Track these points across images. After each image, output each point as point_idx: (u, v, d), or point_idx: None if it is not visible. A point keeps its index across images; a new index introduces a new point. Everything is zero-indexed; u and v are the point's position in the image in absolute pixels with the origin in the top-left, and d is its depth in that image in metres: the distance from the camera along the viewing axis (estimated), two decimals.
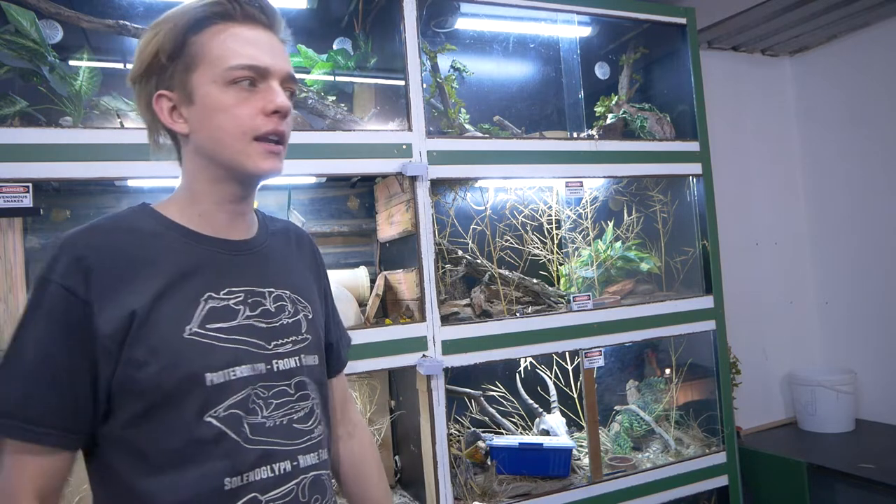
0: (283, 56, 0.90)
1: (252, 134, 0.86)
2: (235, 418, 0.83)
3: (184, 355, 0.81)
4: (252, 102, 0.86)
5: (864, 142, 2.95)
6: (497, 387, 2.34)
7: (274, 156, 0.88)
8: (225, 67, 0.85)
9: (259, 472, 0.84)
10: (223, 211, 0.91)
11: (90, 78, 1.70)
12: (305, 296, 0.98)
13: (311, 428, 0.91)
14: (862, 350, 3.00)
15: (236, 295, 0.88)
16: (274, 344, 0.89)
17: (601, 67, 2.60)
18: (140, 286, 0.82)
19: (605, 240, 2.43)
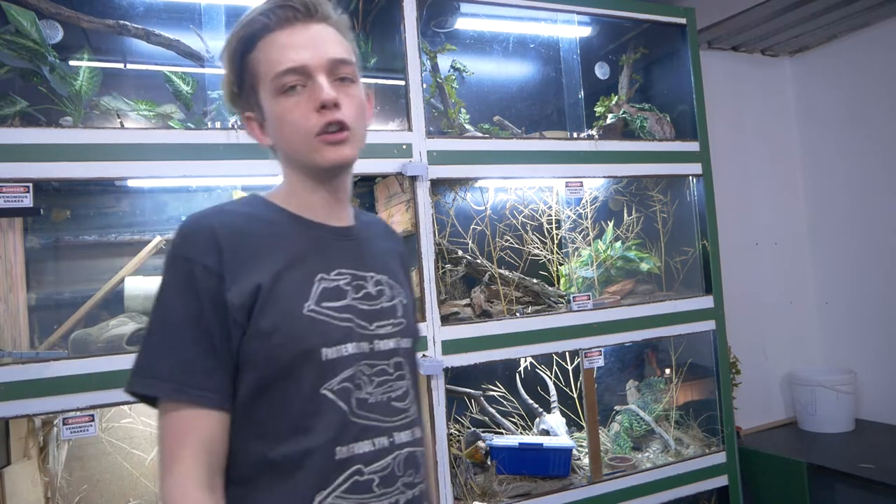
0: (323, 44, 0.90)
1: (312, 133, 0.89)
2: (346, 392, 0.89)
3: (303, 330, 0.87)
4: (304, 104, 0.89)
5: (864, 142, 2.95)
6: (497, 387, 2.34)
7: (336, 145, 0.90)
8: (272, 79, 0.90)
9: (361, 444, 0.88)
10: (321, 201, 0.96)
11: (90, 78, 1.70)
12: (396, 283, 1.02)
13: (406, 406, 0.95)
14: (862, 350, 3.00)
15: (344, 277, 0.93)
16: (375, 325, 0.94)
17: (601, 67, 2.60)
18: (263, 264, 0.88)
19: (605, 240, 2.43)
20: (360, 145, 0.94)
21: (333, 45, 0.91)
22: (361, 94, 0.95)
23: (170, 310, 0.86)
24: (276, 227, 0.93)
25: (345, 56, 0.92)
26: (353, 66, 0.94)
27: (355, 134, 0.92)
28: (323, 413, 0.87)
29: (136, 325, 1.70)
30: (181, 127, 1.73)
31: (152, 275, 1.92)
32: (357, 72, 0.95)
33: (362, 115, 0.94)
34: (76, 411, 1.50)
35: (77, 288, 1.90)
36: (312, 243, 0.94)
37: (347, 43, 0.95)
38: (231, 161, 1.68)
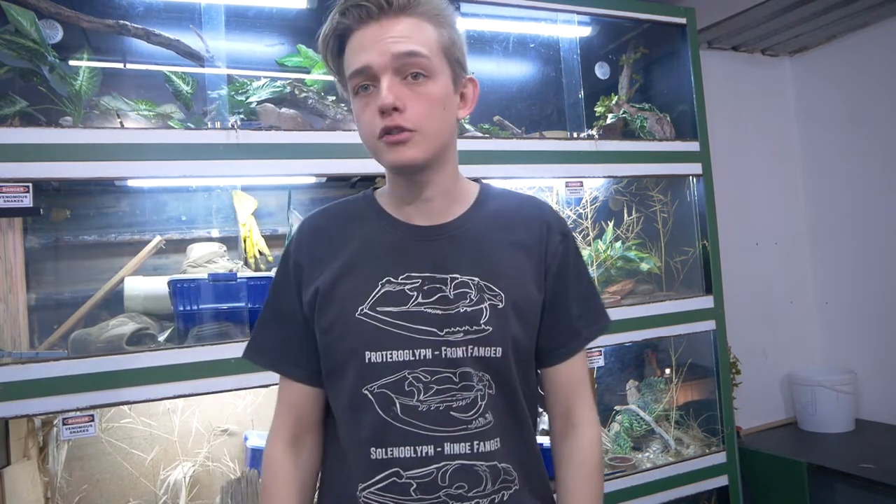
0: (390, 40, 0.87)
1: (375, 135, 0.89)
2: (386, 397, 0.91)
3: (351, 332, 0.92)
4: (371, 105, 0.89)
5: (864, 142, 2.95)
6: None
7: (397, 146, 0.88)
8: (348, 80, 0.92)
9: (402, 450, 0.90)
10: (408, 198, 0.97)
11: (90, 78, 1.70)
12: (502, 283, 0.94)
13: (469, 418, 0.91)
14: (862, 350, 3.00)
15: (414, 280, 0.93)
16: (446, 331, 0.91)
17: (601, 67, 2.60)
18: (331, 265, 0.96)
19: (605, 240, 2.43)
20: (431, 144, 0.90)
21: (402, 40, 0.87)
22: (439, 88, 0.90)
23: (274, 295, 1.01)
24: (360, 226, 0.99)
25: (413, 48, 0.87)
26: (427, 58, 0.88)
27: (423, 134, 0.88)
28: (362, 412, 0.91)
29: (135, 325, 1.70)
30: (181, 127, 1.73)
31: (152, 275, 1.92)
32: (442, 61, 0.90)
33: (435, 113, 0.89)
34: (76, 411, 1.50)
35: (77, 288, 1.90)
36: (391, 244, 0.96)
37: (431, 32, 0.90)
38: (231, 161, 1.68)
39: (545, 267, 0.98)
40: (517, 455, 0.95)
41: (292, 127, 1.82)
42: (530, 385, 1.00)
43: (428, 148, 0.90)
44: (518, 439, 0.96)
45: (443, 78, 0.91)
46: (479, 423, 0.92)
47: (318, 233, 1.00)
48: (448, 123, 0.92)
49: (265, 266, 2.09)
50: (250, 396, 2.06)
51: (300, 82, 1.97)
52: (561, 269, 1.00)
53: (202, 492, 1.95)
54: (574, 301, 1.01)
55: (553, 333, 0.99)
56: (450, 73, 0.92)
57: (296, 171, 1.77)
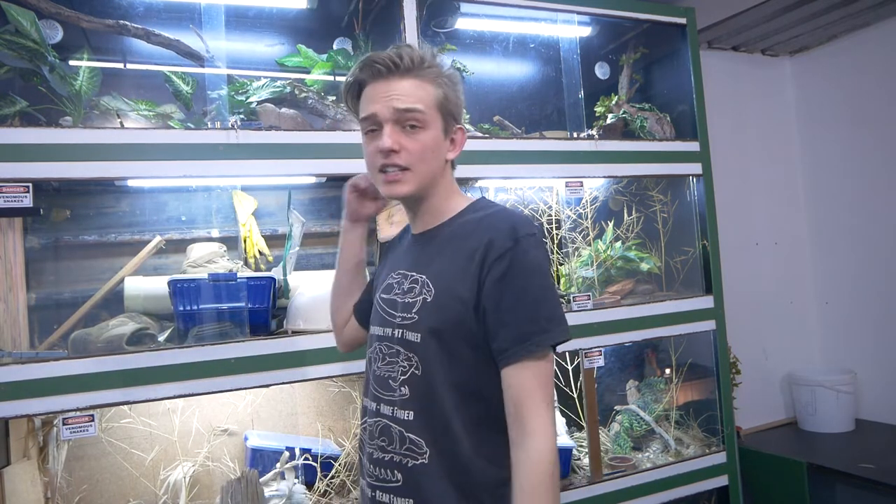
0: (394, 97, 1.08)
1: (376, 168, 1.11)
2: (369, 360, 1.19)
3: (374, 312, 1.21)
4: (374, 144, 1.10)
5: (864, 142, 2.95)
6: None
7: (391, 183, 1.10)
8: (360, 119, 1.13)
9: (367, 401, 1.18)
10: (408, 212, 1.22)
11: (90, 78, 1.70)
12: (440, 283, 1.10)
13: (395, 387, 1.11)
14: (862, 350, 3.00)
15: (399, 275, 1.17)
16: (397, 316, 1.13)
17: (601, 67, 2.60)
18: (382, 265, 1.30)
19: (605, 240, 2.43)
20: (420, 180, 1.11)
21: (403, 98, 1.08)
22: (430, 136, 1.10)
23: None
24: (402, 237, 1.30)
25: (410, 105, 1.08)
26: (422, 112, 1.09)
27: (416, 172, 1.10)
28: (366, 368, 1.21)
29: (135, 325, 1.70)
30: (181, 127, 1.73)
31: (152, 275, 1.92)
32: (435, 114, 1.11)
33: (426, 156, 1.10)
34: (76, 411, 1.50)
35: (77, 288, 1.90)
36: (398, 249, 1.26)
37: (430, 90, 1.10)
38: (231, 161, 1.68)
39: (482, 270, 1.07)
40: (432, 433, 1.07)
41: (292, 127, 1.82)
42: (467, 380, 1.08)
43: (417, 183, 1.11)
44: (437, 421, 1.07)
45: (434, 128, 1.11)
46: (399, 393, 1.10)
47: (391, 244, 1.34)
48: (437, 163, 1.12)
49: (265, 266, 2.09)
50: (250, 396, 2.06)
51: (300, 82, 1.97)
52: (502, 276, 1.05)
53: (202, 492, 1.95)
54: (514, 309, 1.04)
55: (495, 336, 1.05)
56: (441, 124, 1.12)
57: (296, 171, 1.77)
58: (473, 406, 1.07)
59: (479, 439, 1.07)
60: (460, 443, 1.06)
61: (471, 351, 1.07)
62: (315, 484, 1.95)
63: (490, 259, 1.06)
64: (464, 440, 1.06)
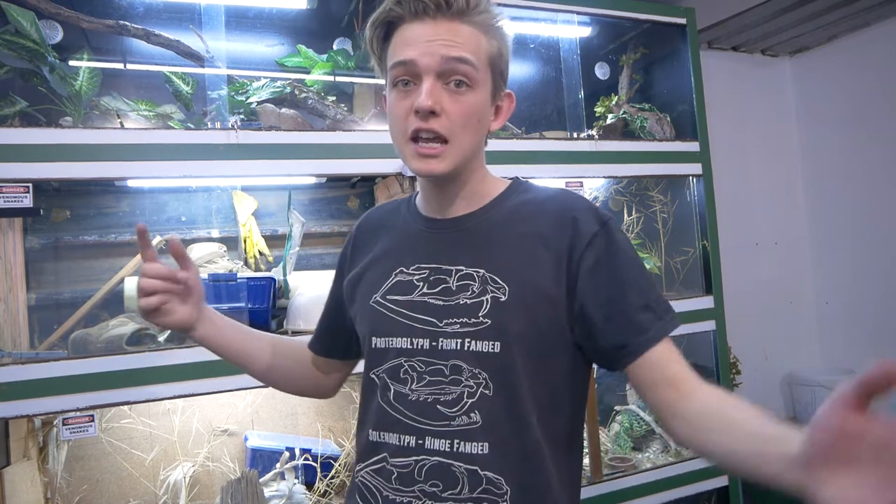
0: (442, 43, 0.85)
1: (405, 134, 0.88)
2: (384, 382, 0.93)
3: (365, 318, 0.97)
4: (406, 102, 0.88)
5: (864, 142, 2.95)
6: None
7: (426, 158, 0.87)
8: (389, 68, 0.90)
9: (390, 436, 0.91)
10: (432, 194, 0.98)
11: (90, 78, 1.70)
12: (514, 278, 0.88)
13: (454, 414, 0.87)
14: (862, 350, 3.00)
15: (422, 271, 0.93)
16: (445, 322, 0.89)
17: (601, 67, 2.60)
18: (366, 256, 1.02)
19: None
20: (460, 157, 0.89)
21: (454, 45, 0.85)
22: (479, 99, 0.89)
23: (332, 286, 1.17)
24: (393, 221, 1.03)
25: (463, 55, 0.85)
26: (475, 69, 0.87)
27: (456, 147, 0.88)
28: (370, 394, 0.95)
29: (135, 325, 1.70)
30: (181, 127, 1.73)
31: None
32: (485, 76, 0.89)
33: (472, 126, 0.89)
34: (76, 411, 1.50)
35: (77, 288, 1.90)
36: (410, 236, 0.99)
37: (483, 41, 0.89)
38: (231, 161, 1.67)
39: (570, 260, 0.89)
40: (512, 468, 0.86)
41: (292, 127, 1.82)
42: (552, 392, 0.90)
43: (456, 161, 0.89)
44: (518, 451, 0.87)
45: (484, 89, 0.90)
46: (462, 422, 0.86)
47: (366, 226, 1.07)
48: (480, 135, 0.92)
49: (265, 266, 2.09)
50: (250, 396, 2.06)
51: (300, 82, 1.97)
52: (597, 264, 0.89)
53: (202, 492, 1.95)
54: (623, 299, 0.88)
55: (603, 334, 0.88)
56: (491, 86, 0.91)
57: (296, 172, 1.77)
58: (553, 423, 0.90)
59: (557, 461, 0.90)
60: (545, 471, 0.88)
61: (562, 356, 0.90)
62: (315, 484, 1.95)
63: (580, 246, 0.89)
64: (549, 466, 0.89)
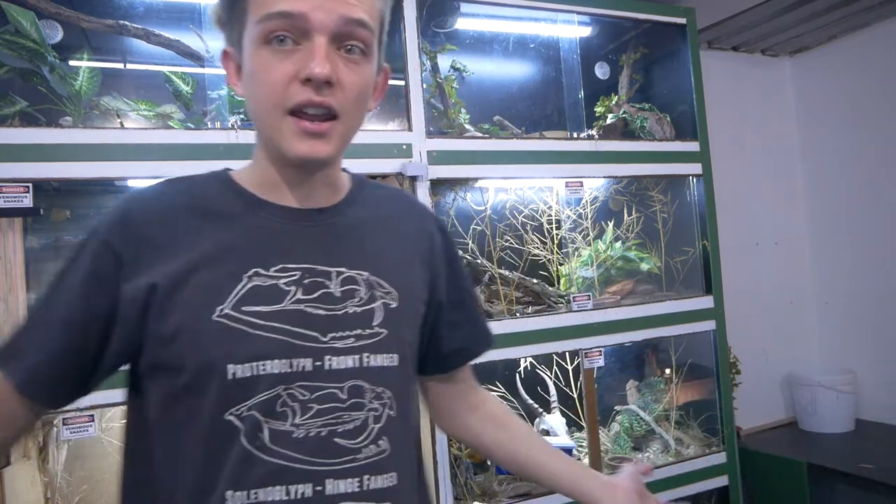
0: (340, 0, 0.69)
1: (283, 106, 0.70)
2: (255, 422, 0.70)
3: (206, 340, 0.70)
4: (288, 66, 0.69)
5: (864, 142, 2.95)
6: (497, 387, 2.33)
7: (313, 138, 0.70)
8: (258, 20, 0.69)
9: (271, 491, 0.68)
10: (295, 180, 0.78)
11: (90, 78, 1.70)
12: (395, 280, 0.79)
13: (357, 446, 0.72)
14: (862, 350, 3.00)
15: (290, 273, 0.74)
16: (331, 336, 0.73)
17: (601, 67, 2.60)
18: (175, 255, 0.72)
19: (605, 240, 2.43)
20: (346, 141, 0.75)
21: (355, 3, 0.70)
22: (372, 74, 0.75)
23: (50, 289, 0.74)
24: (214, 208, 0.76)
25: (363, 17, 0.70)
26: (373, 34, 0.73)
27: (345, 126, 0.73)
28: (220, 445, 0.69)
29: None
30: (181, 127, 1.73)
31: None
32: (376, 44, 0.75)
33: (363, 103, 0.75)
34: (76, 411, 1.50)
35: None
36: (258, 230, 0.75)
37: (378, 4, 0.75)
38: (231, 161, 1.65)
39: (432, 263, 0.86)
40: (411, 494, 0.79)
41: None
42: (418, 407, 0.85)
43: (341, 143, 0.74)
44: (417, 477, 0.81)
45: (374, 60, 0.75)
46: (370, 452, 0.73)
47: (159, 215, 0.74)
48: (364, 115, 0.77)
49: None
50: None
51: None
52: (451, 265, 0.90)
53: None
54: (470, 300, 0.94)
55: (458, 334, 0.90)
56: (377, 57, 0.77)
57: None
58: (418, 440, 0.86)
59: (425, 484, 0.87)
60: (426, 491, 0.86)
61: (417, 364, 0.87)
62: None
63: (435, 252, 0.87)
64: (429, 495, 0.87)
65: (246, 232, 0.75)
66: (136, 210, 0.75)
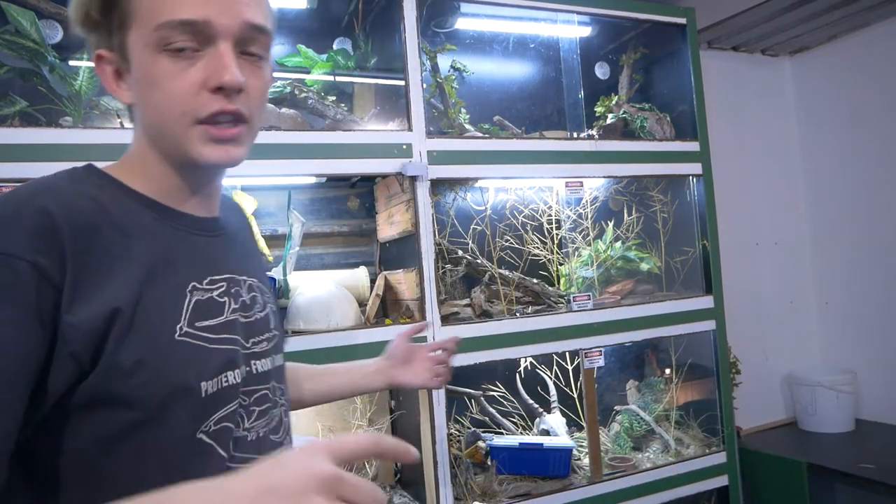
0: (242, 4, 0.69)
1: (193, 116, 0.68)
2: (225, 433, 0.70)
3: (175, 361, 0.67)
4: (192, 74, 0.67)
5: (864, 142, 2.95)
6: (497, 387, 2.34)
7: (225, 143, 0.69)
8: (155, 27, 0.66)
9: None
10: (199, 187, 0.76)
11: (90, 78, 1.70)
12: (265, 282, 0.85)
13: (280, 440, 0.77)
14: (862, 350, 3.00)
15: (219, 285, 0.74)
16: (252, 342, 0.76)
17: (601, 67, 2.60)
18: (121, 274, 0.65)
19: (605, 240, 2.43)
20: (252, 141, 0.74)
21: (255, 8, 0.70)
22: (269, 74, 0.76)
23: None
24: (132, 218, 0.70)
25: (263, 23, 0.71)
26: (270, 38, 0.74)
27: (252, 129, 0.73)
28: (199, 465, 0.67)
29: None
30: None
31: None
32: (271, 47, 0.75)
33: (265, 105, 0.75)
34: None
35: None
36: (179, 241, 0.72)
37: (269, 6, 0.75)
38: None
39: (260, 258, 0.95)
40: None
41: (292, 127, 1.82)
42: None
43: (249, 146, 0.73)
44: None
45: (270, 62, 0.76)
46: (286, 445, 0.79)
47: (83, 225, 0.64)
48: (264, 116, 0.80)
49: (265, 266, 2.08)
50: None
51: (300, 82, 1.97)
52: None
53: None
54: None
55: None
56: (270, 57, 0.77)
57: (296, 171, 1.77)
58: None
59: None
60: None
61: None
62: None
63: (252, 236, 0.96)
64: None
65: (170, 244, 0.71)
66: (60, 219, 0.62)
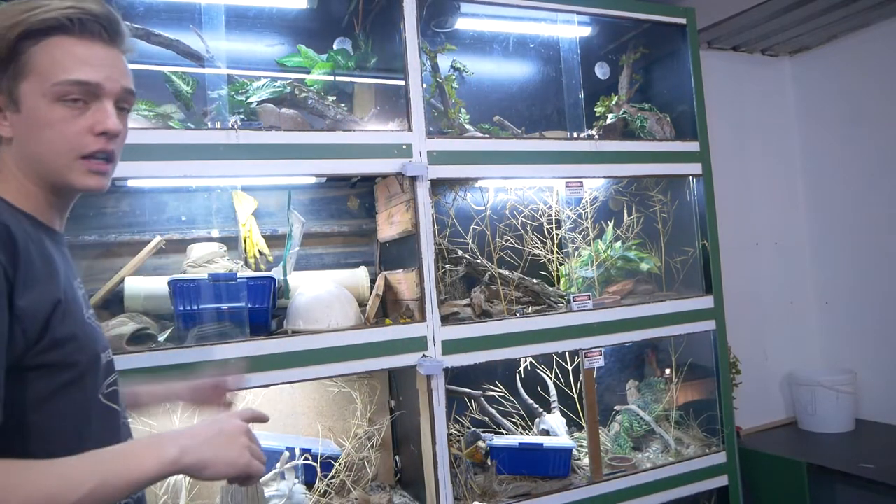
0: (119, 72, 0.93)
1: (78, 152, 0.89)
2: (115, 394, 0.95)
3: (89, 338, 0.90)
4: (81, 121, 0.89)
5: (864, 142, 2.95)
6: (497, 387, 2.34)
7: (99, 175, 0.92)
8: (53, 83, 0.87)
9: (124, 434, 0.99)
10: (63, 207, 0.99)
11: None
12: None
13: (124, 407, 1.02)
14: (862, 350, 3.00)
15: (79, 286, 0.96)
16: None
17: (601, 67, 2.60)
18: (53, 272, 0.87)
19: (605, 240, 2.43)
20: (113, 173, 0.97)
21: (127, 77, 0.95)
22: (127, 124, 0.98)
23: None
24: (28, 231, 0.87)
25: (132, 87, 0.95)
26: (135, 97, 0.98)
27: (116, 164, 0.96)
28: (100, 418, 0.91)
29: (136, 325, 1.70)
30: (181, 127, 1.73)
31: (152, 275, 1.92)
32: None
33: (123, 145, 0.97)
34: None
35: None
36: (55, 251, 0.92)
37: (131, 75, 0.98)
38: (231, 161, 1.67)
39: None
40: None
41: (292, 127, 1.82)
42: None
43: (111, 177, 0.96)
44: None
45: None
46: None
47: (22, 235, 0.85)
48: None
49: (265, 266, 2.09)
50: (250, 396, 2.06)
51: (300, 82, 1.97)
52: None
53: (202, 492, 1.95)
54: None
55: None
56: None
57: (296, 171, 1.77)
58: None
59: None
60: None
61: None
62: (315, 484, 1.95)
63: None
64: None
65: (51, 250, 0.91)
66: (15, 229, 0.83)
